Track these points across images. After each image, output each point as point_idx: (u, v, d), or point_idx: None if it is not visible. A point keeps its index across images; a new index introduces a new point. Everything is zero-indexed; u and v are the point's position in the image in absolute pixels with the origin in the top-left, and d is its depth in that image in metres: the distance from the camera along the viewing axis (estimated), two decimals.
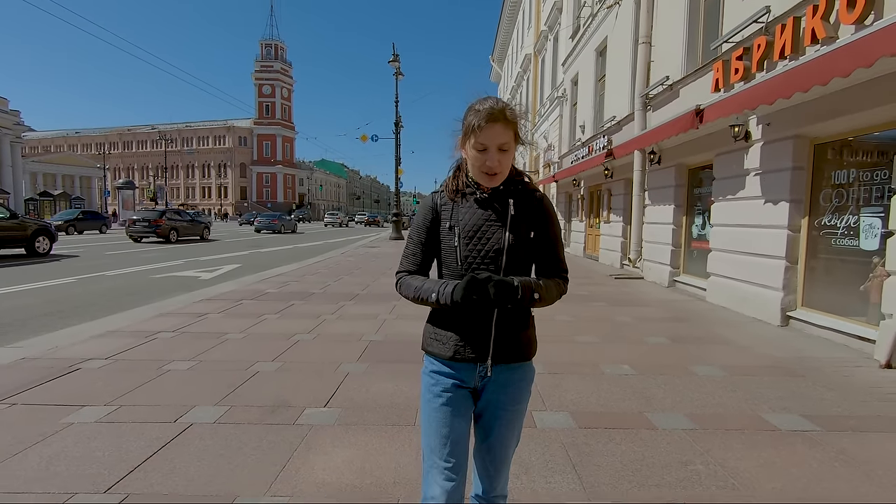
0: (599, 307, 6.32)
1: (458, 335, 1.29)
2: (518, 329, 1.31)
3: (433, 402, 1.31)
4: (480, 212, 1.30)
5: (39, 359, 3.84)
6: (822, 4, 4.49)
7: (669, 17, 8.24)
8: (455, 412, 1.29)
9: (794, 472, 2.26)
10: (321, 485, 2.11)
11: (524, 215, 1.30)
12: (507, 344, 1.29)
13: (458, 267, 1.28)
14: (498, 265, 1.26)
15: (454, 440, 1.27)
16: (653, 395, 3.21)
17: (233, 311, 5.74)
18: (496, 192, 1.31)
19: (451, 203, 1.33)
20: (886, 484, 2.16)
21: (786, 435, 2.65)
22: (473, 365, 1.29)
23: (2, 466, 2.22)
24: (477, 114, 1.24)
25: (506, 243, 1.26)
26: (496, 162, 1.24)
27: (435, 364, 1.34)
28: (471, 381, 1.31)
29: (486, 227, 1.28)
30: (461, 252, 1.28)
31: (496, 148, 1.24)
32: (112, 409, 2.89)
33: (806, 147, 5.11)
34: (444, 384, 1.31)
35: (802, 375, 3.66)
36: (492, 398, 1.32)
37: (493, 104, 1.24)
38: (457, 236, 1.29)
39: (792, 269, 5.21)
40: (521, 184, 1.34)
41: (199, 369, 3.64)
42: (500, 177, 1.28)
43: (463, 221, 1.30)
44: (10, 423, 2.69)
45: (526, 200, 1.32)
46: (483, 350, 1.27)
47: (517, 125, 1.27)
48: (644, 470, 2.25)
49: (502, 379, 1.31)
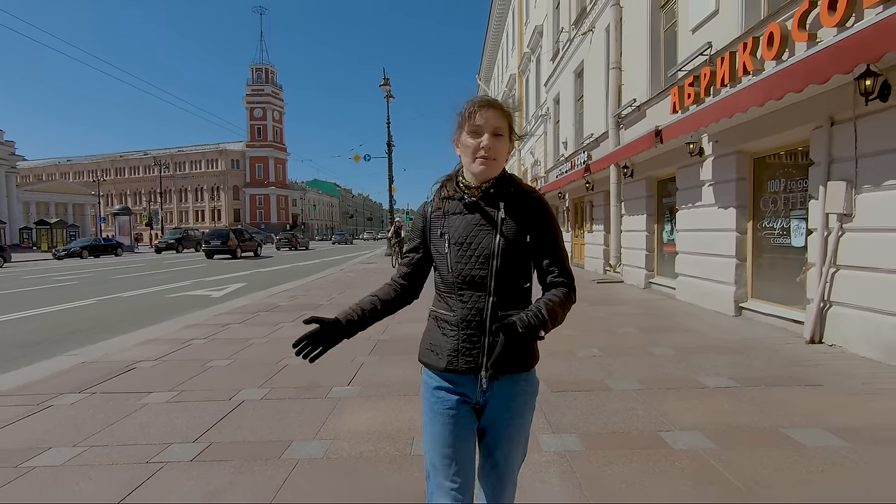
0: (580, 307, 7.01)
1: (451, 345, 1.26)
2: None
3: (435, 419, 1.28)
4: (470, 216, 1.27)
5: (97, 362, 4.50)
6: (750, 42, 5.36)
7: (635, 45, 9.18)
8: (458, 430, 1.26)
9: (709, 412, 2.99)
10: (353, 432, 2.81)
11: (517, 217, 1.26)
12: (504, 353, 1.19)
13: (450, 273, 1.27)
14: (489, 271, 1.23)
15: (458, 459, 1.24)
16: (614, 369, 3.95)
17: (252, 322, 6.41)
18: (486, 196, 1.27)
19: (443, 210, 1.32)
20: (774, 415, 2.89)
21: (712, 391, 3.39)
22: (474, 377, 1.26)
23: (110, 430, 2.90)
24: (472, 102, 1.26)
25: (496, 248, 1.22)
26: (490, 143, 1.22)
27: (434, 378, 1.31)
28: (473, 395, 1.28)
29: (476, 232, 1.25)
30: (451, 258, 1.26)
31: (491, 131, 1.22)
32: (175, 393, 3.57)
33: (747, 161, 5.95)
34: (445, 401, 1.28)
35: (741, 352, 4.41)
36: (494, 413, 1.28)
37: (489, 96, 1.30)
38: (447, 243, 1.27)
39: (742, 267, 6.00)
40: (514, 185, 1.29)
41: (237, 365, 4.33)
42: (495, 165, 1.25)
43: (453, 227, 1.28)
44: (98, 405, 3.36)
45: (519, 202, 1.27)
46: (477, 360, 1.24)
47: (512, 118, 1.27)
48: (597, 414, 2.97)
49: (504, 392, 1.27)
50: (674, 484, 2.18)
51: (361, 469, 2.38)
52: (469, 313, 1.24)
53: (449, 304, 1.29)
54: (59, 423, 3.04)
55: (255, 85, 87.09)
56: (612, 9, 9.81)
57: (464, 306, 1.25)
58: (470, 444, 1.28)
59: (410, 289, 1.40)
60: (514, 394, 1.28)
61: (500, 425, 1.27)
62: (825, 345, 4.50)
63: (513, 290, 1.26)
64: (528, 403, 1.31)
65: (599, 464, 2.37)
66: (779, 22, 4.86)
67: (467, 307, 1.25)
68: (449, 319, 1.27)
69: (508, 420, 1.27)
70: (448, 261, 1.26)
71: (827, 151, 4.48)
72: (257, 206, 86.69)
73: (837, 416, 2.87)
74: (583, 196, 13.38)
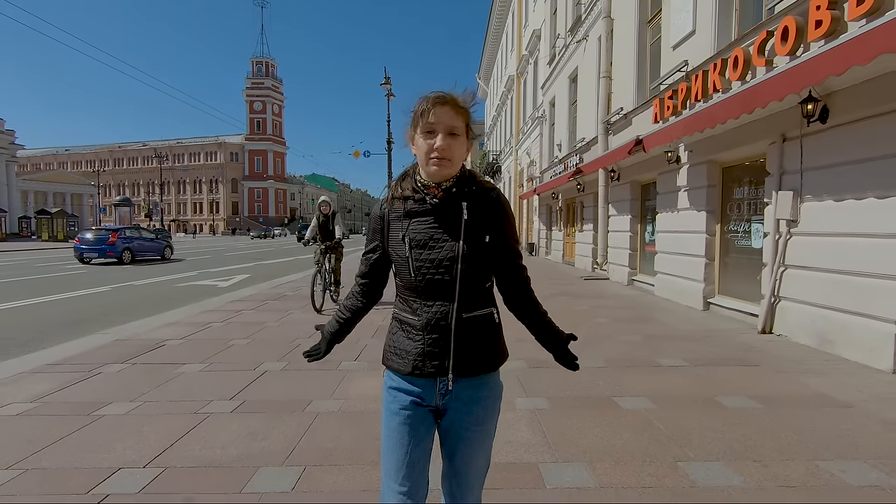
0: (564, 300, 7.66)
1: (417, 349, 1.23)
2: (481, 338, 1.25)
3: (390, 421, 1.26)
4: (431, 219, 1.22)
5: (129, 340, 5.06)
6: (719, 63, 5.94)
7: (624, 56, 9.75)
8: (412, 433, 1.23)
9: (658, 384, 3.59)
10: (362, 394, 3.39)
11: (479, 219, 1.22)
12: (469, 356, 1.22)
13: (411, 278, 1.22)
14: (452, 275, 1.19)
15: (409, 464, 1.21)
16: (585, 352, 4.52)
17: (263, 308, 6.98)
18: (449, 196, 1.22)
19: (402, 211, 1.26)
20: (711, 387, 3.49)
21: (665, 368, 3.99)
22: (433, 381, 1.23)
23: (157, 390, 3.47)
24: (426, 99, 1.18)
25: (460, 251, 1.18)
26: (445, 144, 1.16)
27: (394, 379, 1.29)
28: (431, 398, 1.25)
29: (440, 236, 1.20)
30: (413, 263, 1.21)
31: (445, 131, 1.16)
32: (205, 365, 4.14)
33: (717, 170, 6.55)
34: (401, 402, 1.25)
35: (700, 340, 5.01)
36: (455, 417, 1.25)
37: (443, 91, 1.19)
38: (407, 246, 1.22)
39: (710, 265, 6.61)
40: (474, 183, 1.26)
41: (255, 343, 4.89)
42: (450, 166, 1.19)
43: (414, 230, 1.23)
44: (141, 372, 3.93)
45: (481, 201, 1.24)
46: (443, 364, 1.21)
47: (468, 115, 1.21)
48: (565, 384, 3.56)
49: (465, 396, 1.24)
50: (616, 431, 2.77)
51: (370, 419, 2.96)
52: (434, 317, 1.21)
53: (412, 308, 1.25)
54: (112, 385, 3.60)
55: (255, 78, 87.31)
56: (604, 21, 10.37)
57: (428, 310, 1.22)
58: (423, 449, 1.25)
59: (372, 291, 1.40)
60: (476, 398, 1.25)
61: (461, 430, 1.24)
62: (774, 334, 5.11)
63: (476, 291, 1.24)
64: (490, 409, 1.27)
65: (561, 418, 2.96)
66: (742, 47, 5.44)
67: (432, 311, 1.22)
68: (413, 323, 1.24)
69: (469, 425, 1.24)
70: (410, 265, 1.22)
71: (779, 164, 5.08)
72: (255, 200, 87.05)
73: (761, 389, 3.48)
74: (574, 197, 13.97)
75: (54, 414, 3.05)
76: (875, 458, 2.43)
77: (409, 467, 1.21)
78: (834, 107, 4.38)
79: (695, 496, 2.10)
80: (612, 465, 2.37)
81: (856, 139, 4.17)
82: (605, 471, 2.31)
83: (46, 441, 2.65)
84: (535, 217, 20.53)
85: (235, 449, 2.55)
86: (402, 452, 1.22)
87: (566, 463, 2.39)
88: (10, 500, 2.09)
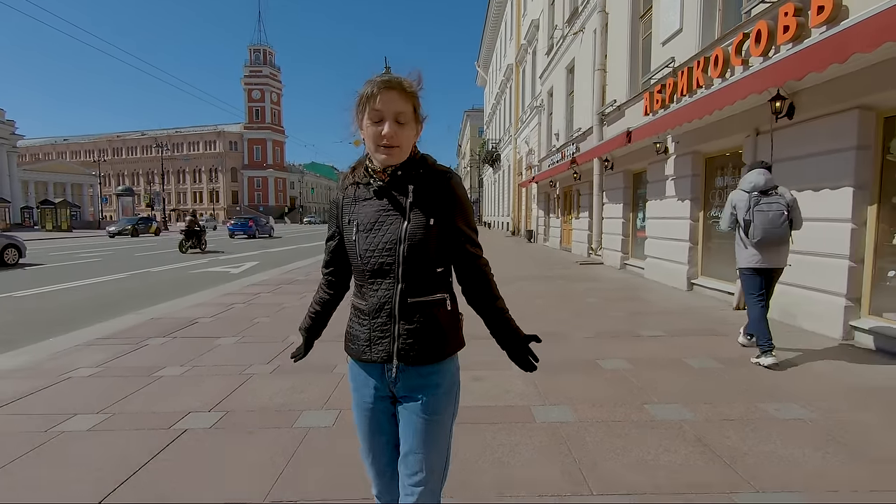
0: (560, 283, 8.20)
1: (364, 335, 1.25)
2: (429, 325, 1.22)
3: (355, 409, 1.31)
4: (377, 202, 1.23)
5: (164, 318, 5.59)
6: (702, 61, 6.39)
7: (617, 50, 10.15)
8: (371, 422, 1.28)
9: (637, 350, 4.13)
10: None
11: (427, 200, 1.21)
12: (414, 342, 1.21)
13: (359, 262, 1.23)
14: (395, 258, 1.19)
15: (372, 449, 1.30)
16: (577, 324, 5.08)
17: (279, 291, 7.51)
18: (395, 179, 1.22)
19: (353, 196, 1.27)
20: (682, 351, 4.03)
21: (644, 338, 4.53)
22: (381, 366, 1.25)
23: (201, 358, 4.01)
24: (372, 83, 1.16)
25: (402, 233, 1.18)
26: (392, 132, 1.15)
27: (354, 368, 1.32)
28: (383, 386, 1.26)
29: (384, 218, 1.21)
30: (360, 246, 1.22)
31: (392, 118, 1.15)
32: (239, 338, 4.68)
33: (700, 160, 7.03)
34: (362, 393, 1.29)
35: (679, 315, 5.55)
36: (402, 407, 1.26)
37: (390, 75, 1.18)
38: (354, 230, 1.23)
39: (694, 249, 7.13)
40: (424, 166, 1.24)
41: (279, 321, 5.43)
42: (398, 153, 1.18)
43: (360, 214, 1.24)
44: (183, 344, 4.46)
45: (430, 183, 1.23)
46: (388, 350, 1.22)
47: (416, 99, 1.19)
48: (556, 351, 4.09)
49: (415, 384, 1.24)
50: (596, 384, 3.31)
51: None
52: (379, 301, 1.22)
53: (362, 293, 1.26)
54: (162, 354, 4.14)
55: (253, 66, 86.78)
56: (599, 14, 10.74)
57: (374, 294, 1.22)
58: (384, 436, 1.28)
59: (337, 281, 1.41)
60: (424, 386, 1.23)
61: (408, 421, 1.24)
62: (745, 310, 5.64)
63: (423, 276, 1.22)
64: (440, 399, 1.24)
65: (551, 375, 3.50)
66: (722, 47, 5.89)
67: (377, 295, 1.22)
68: (362, 308, 1.26)
69: (416, 415, 1.23)
70: (357, 248, 1.23)
71: (753, 155, 5.56)
72: (255, 189, 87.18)
73: (725, 353, 4.03)
74: (571, 185, 14.44)
75: (119, 376, 3.59)
76: (805, 401, 2.97)
77: (373, 454, 1.29)
78: (800, 104, 4.85)
79: (654, 426, 2.64)
80: (590, 407, 2.91)
81: (816, 134, 4.65)
82: (584, 411, 2.86)
83: (121, 395, 3.19)
84: (533, 205, 20.99)
85: (280, 399, 3.09)
86: (365, 441, 1.30)
87: (553, 406, 2.94)
88: (106, 433, 2.63)
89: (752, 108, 5.53)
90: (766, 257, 3.77)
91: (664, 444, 2.45)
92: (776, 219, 3.63)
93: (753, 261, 3.81)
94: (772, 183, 3.77)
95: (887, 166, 4.17)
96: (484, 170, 42.80)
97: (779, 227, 3.64)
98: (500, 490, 2.07)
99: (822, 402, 2.97)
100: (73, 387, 3.36)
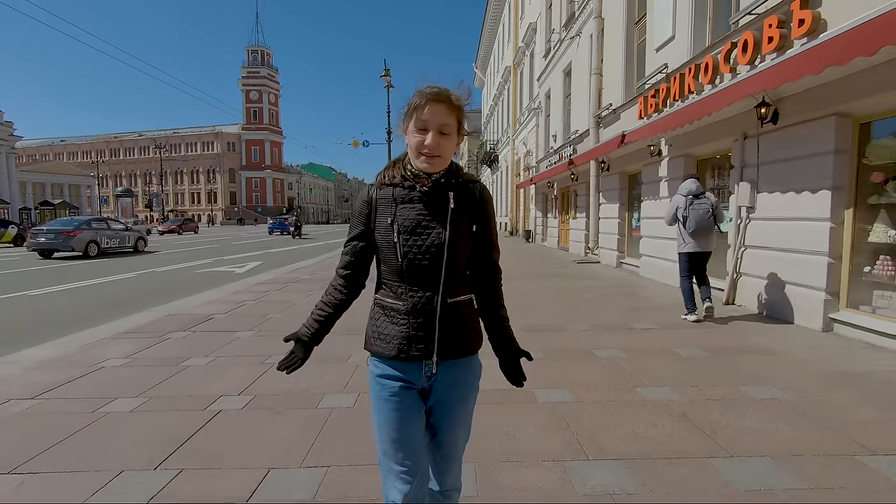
0: (557, 281, 8.50)
1: (402, 333, 1.28)
2: (463, 322, 1.32)
3: (382, 406, 1.31)
4: (420, 206, 1.27)
5: (180, 314, 5.85)
6: (693, 68, 6.69)
7: (613, 55, 10.45)
8: (405, 415, 1.29)
9: (630, 341, 4.41)
10: None
11: (465, 208, 1.29)
12: (452, 339, 1.29)
13: (399, 263, 1.27)
14: (438, 260, 1.25)
15: (406, 443, 1.28)
16: (573, 318, 5.37)
17: (286, 289, 7.77)
18: (437, 186, 1.28)
19: (391, 197, 1.30)
20: (672, 342, 4.32)
21: (637, 331, 4.82)
22: (419, 364, 1.30)
23: (223, 349, 4.28)
24: (422, 94, 1.22)
25: (446, 239, 1.24)
26: (435, 143, 1.21)
27: (380, 366, 1.34)
28: (418, 381, 1.31)
29: (427, 222, 1.26)
30: (401, 248, 1.25)
31: (437, 129, 1.21)
32: (255, 332, 4.94)
33: (692, 162, 7.34)
34: (390, 388, 1.30)
35: (672, 310, 5.84)
36: (440, 397, 1.33)
37: (440, 87, 1.24)
38: (396, 232, 1.26)
39: None
40: (459, 176, 1.32)
41: (290, 317, 5.69)
42: (439, 162, 1.25)
43: (402, 216, 1.27)
44: (203, 337, 4.72)
45: (467, 193, 1.31)
46: (428, 347, 1.27)
47: (461, 113, 1.26)
48: (555, 341, 4.38)
49: (449, 377, 1.32)
50: (592, 370, 3.60)
51: None
52: (419, 302, 1.27)
53: (397, 293, 1.30)
54: (185, 346, 4.40)
55: (251, 67, 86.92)
56: (595, 20, 11.05)
57: (414, 295, 1.27)
58: (417, 428, 1.31)
59: (355, 280, 1.42)
60: (459, 378, 1.34)
61: (446, 409, 1.33)
62: (735, 305, 5.95)
63: (459, 278, 1.32)
64: (472, 387, 1.37)
65: (551, 363, 3.78)
66: (712, 55, 6.20)
67: (417, 296, 1.27)
68: (398, 308, 1.29)
69: (453, 404, 1.34)
70: (398, 250, 1.26)
71: (741, 158, 5.87)
72: (253, 189, 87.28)
73: (710, 342, 4.32)
74: (568, 186, 14.74)
75: (149, 365, 3.85)
76: (782, 384, 3.26)
77: (408, 447, 1.27)
78: (784, 111, 5.16)
79: (644, 405, 2.93)
80: (586, 389, 3.20)
81: (798, 139, 4.96)
82: (580, 393, 3.14)
83: (154, 382, 3.46)
84: (531, 205, 21.29)
85: (304, 383, 3.37)
86: (397, 434, 1.27)
87: (553, 389, 3.22)
88: (144, 414, 2.89)
89: (739, 114, 5.83)
90: (698, 243, 5.16)
91: (653, 419, 2.73)
92: (704, 214, 5.02)
93: (689, 247, 5.20)
94: (700, 189, 5.17)
95: (863, 169, 4.48)
96: (482, 170, 43.12)
97: (706, 221, 5.03)
98: (507, 456, 2.35)
99: (798, 384, 3.26)
100: (108, 375, 3.63)
